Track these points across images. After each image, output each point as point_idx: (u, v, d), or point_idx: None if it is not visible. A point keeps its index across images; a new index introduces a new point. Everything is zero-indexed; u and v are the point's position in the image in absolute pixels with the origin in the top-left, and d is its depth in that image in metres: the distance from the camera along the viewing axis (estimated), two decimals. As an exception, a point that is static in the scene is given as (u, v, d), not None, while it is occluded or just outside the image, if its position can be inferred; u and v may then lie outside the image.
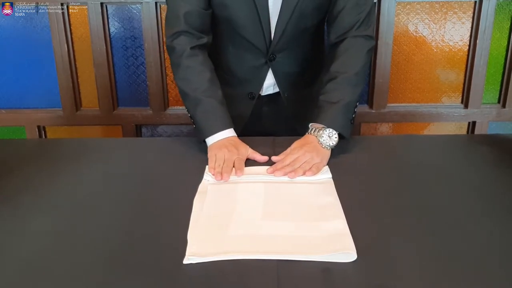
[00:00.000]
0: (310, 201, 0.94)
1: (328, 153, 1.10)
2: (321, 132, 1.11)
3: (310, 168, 1.04)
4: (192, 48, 1.18)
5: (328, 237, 0.82)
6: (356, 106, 1.18)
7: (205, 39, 1.22)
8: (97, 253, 0.79)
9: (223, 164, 1.05)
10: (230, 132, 1.15)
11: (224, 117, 1.16)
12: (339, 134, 1.12)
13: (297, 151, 1.08)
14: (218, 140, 1.13)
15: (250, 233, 0.84)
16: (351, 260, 0.77)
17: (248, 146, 1.13)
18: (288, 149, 1.11)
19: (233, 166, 1.06)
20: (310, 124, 1.16)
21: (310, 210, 0.91)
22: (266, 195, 0.96)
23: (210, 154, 1.10)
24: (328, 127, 1.11)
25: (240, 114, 1.35)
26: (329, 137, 1.10)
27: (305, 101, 1.40)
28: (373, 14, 1.24)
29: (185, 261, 0.77)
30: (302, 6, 1.20)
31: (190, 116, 1.19)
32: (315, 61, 1.39)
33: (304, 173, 1.03)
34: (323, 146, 1.10)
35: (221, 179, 1.01)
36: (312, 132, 1.13)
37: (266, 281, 0.72)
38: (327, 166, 1.07)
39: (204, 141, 1.16)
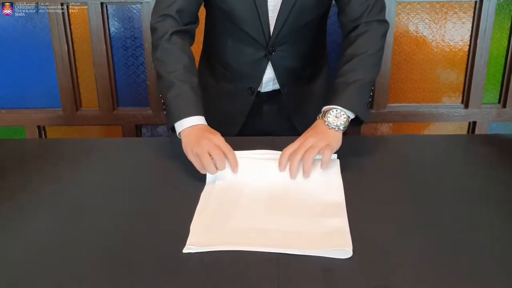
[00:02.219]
0: (314, 198, 0.94)
1: (337, 135, 1.04)
2: (327, 113, 1.05)
3: (323, 153, 0.99)
4: (174, 32, 1.15)
5: (327, 233, 0.83)
6: (371, 90, 1.15)
7: (189, 26, 1.20)
8: (97, 252, 0.80)
9: (213, 155, 0.99)
10: (199, 120, 1.07)
11: (195, 104, 1.09)
12: (357, 118, 1.08)
13: (298, 140, 1.02)
14: (187, 128, 1.05)
15: (251, 226, 0.85)
16: (346, 256, 0.77)
17: (220, 135, 1.04)
18: (289, 146, 1.04)
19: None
20: (322, 109, 1.10)
21: (313, 207, 0.92)
22: (272, 191, 0.97)
23: (187, 152, 1.03)
24: (337, 107, 1.06)
25: (239, 111, 1.35)
26: (337, 117, 1.04)
27: (306, 99, 1.39)
28: (382, 0, 1.21)
29: (185, 250, 0.79)
30: (304, 0, 1.19)
31: (163, 102, 1.14)
32: (316, 56, 1.38)
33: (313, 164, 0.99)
34: (331, 127, 1.03)
35: (218, 169, 0.99)
36: (320, 116, 1.07)
37: (265, 274, 0.73)
38: (337, 160, 1.05)
39: (173, 130, 1.10)
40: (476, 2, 1.88)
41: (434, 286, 0.72)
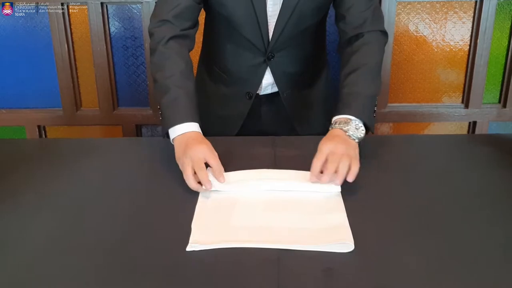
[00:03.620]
0: (312, 196, 0.96)
1: (357, 145, 1.03)
2: (347, 124, 1.05)
3: (352, 165, 0.97)
4: (172, 37, 1.14)
5: (328, 229, 0.84)
6: (376, 99, 1.16)
7: (188, 31, 1.18)
8: (97, 251, 0.80)
9: (196, 171, 0.97)
10: (194, 126, 1.06)
11: (190, 110, 1.08)
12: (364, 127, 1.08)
13: (333, 156, 0.97)
14: (179, 136, 1.04)
15: (252, 224, 0.86)
16: (348, 250, 0.78)
17: (207, 146, 1.01)
18: (319, 154, 0.99)
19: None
20: (334, 118, 1.09)
21: (311, 204, 0.93)
22: (270, 192, 0.97)
23: (178, 162, 1.02)
24: (354, 119, 1.06)
25: (237, 114, 1.34)
26: (356, 129, 1.05)
27: (305, 101, 1.39)
28: (380, 9, 1.23)
29: (188, 248, 0.79)
30: (303, 7, 1.18)
31: (159, 107, 1.13)
32: (315, 60, 1.38)
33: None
34: (351, 138, 1.04)
35: (203, 189, 0.96)
36: (337, 125, 1.06)
37: (266, 270, 0.73)
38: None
39: (168, 136, 1.09)
40: (476, 2, 1.88)
41: (434, 286, 0.72)
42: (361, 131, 1.05)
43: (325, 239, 0.81)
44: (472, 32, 1.93)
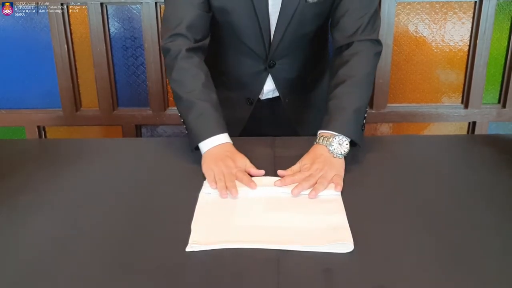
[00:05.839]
0: (312, 199, 0.95)
1: (342, 162, 1.04)
2: (330, 140, 1.05)
3: (335, 182, 0.98)
4: (188, 50, 1.13)
5: (327, 229, 0.84)
6: (365, 111, 1.15)
7: (202, 42, 1.18)
8: (97, 252, 0.80)
9: (224, 178, 0.98)
10: (225, 138, 1.08)
11: (219, 122, 1.09)
12: (351, 142, 1.07)
13: (308, 168, 1.01)
14: (213, 147, 1.06)
15: (251, 224, 0.87)
16: (348, 251, 0.78)
17: (245, 157, 1.06)
18: (297, 164, 1.03)
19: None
20: (319, 132, 1.09)
21: (311, 204, 0.93)
22: (270, 194, 0.97)
23: (205, 168, 1.03)
24: (338, 134, 1.06)
25: (238, 118, 1.34)
26: (340, 144, 1.04)
27: (306, 105, 1.39)
28: (378, 18, 1.19)
29: (188, 249, 0.79)
30: (303, 12, 1.17)
31: (183, 121, 1.13)
32: (316, 65, 1.37)
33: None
34: (335, 155, 1.04)
35: (226, 196, 0.95)
36: (321, 141, 1.06)
37: (265, 273, 0.73)
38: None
39: (196, 149, 1.09)
40: (476, 2, 1.88)
41: (434, 286, 0.72)
42: (344, 147, 1.05)
43: (325, 239, 0.81)
44: (471, 33, 1.93)
